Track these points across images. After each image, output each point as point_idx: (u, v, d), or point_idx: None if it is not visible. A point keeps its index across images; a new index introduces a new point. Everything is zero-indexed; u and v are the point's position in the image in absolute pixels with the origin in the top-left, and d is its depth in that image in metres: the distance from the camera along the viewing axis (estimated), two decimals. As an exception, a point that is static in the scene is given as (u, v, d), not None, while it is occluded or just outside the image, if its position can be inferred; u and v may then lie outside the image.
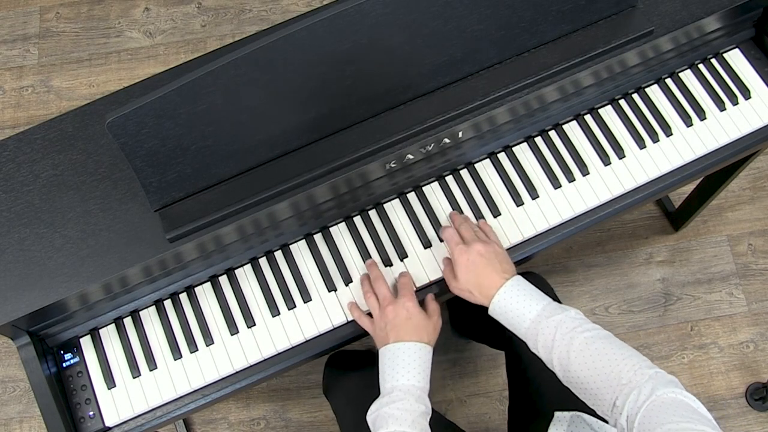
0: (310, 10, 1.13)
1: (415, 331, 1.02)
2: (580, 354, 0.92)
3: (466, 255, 1.04)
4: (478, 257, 1.04)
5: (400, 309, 1.04)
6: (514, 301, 1.00)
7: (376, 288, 1.08)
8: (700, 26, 1.17)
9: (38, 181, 1.09)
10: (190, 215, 1.04)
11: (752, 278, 1.85)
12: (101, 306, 1.09)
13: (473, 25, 1.05)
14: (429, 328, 1.04)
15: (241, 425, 1.77)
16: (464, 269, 1.04)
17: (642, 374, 0.87)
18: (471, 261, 1.04)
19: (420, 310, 1.05)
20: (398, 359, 1.00)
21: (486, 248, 1.04)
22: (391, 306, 1.04)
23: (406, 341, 1.01)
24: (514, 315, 1.00)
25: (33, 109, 2.13)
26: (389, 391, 0.99)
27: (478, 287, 1.03)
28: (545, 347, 0.96)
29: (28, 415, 1.80)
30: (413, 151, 1.10)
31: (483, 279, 1.03)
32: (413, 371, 0.99)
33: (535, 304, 0.99)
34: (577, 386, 0.93)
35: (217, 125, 1.00)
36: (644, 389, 0.85)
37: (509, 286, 1.01)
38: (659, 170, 1.18)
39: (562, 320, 0.96)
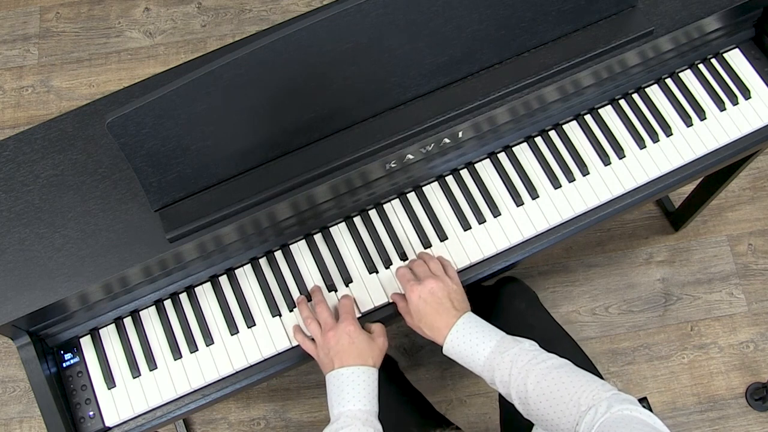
0: (310, 10, 1.13)
1: (359, 355, 1.01)
2: (537, 386, 0.92)
3: (416, 293, 1.03)
4: (429, 295, 1.02)
5: (342, 334, 1.02)
6: (467, 339, 0.99)
7: (317, 313, 1.07)
8: (700, 26, 1.17)
9: (38, 181, 1.09)
10: (190, 215, 1.04)
11: (752, 278, 1.85)
12: (101, 306, 1.09)
13: (473, 25, 1.05)
14: (373, 351, 1.03)
15: (241, 425, 1.77)
16: (415, 307, 1.03)
17: (600, 397, 0.86)
18: (422, 299, 1.02)
19: (363, 333, 1.03)
20: (344, 385, 0.99)
21: (437, 284, 1.03)
22: (333, 331, 1.03)
23: (350, 366, 1.00)
24: (469, 353, 0.99)
25: (33, 109, 2.13)
26: (336, 417, 0.98)
27: (430, 326, 1.02)
28: (502, 382, 0.95)
29: (28, 415, 1.80)
30: (413, 151, 1.10)
31: (434, 318, 1.02)
32: (359, 395, 0.98)
33: (488, 341, 0.98)
34: (538, 418, 0.92)
35: (217, 125, 1.00)
36: (600, 407, 0.85)
37: (461, 325, 1.00)
38: (659, 170, 1.18)
39: (517, 354, 0.95)
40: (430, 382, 1.79)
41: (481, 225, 1.15)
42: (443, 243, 1.14)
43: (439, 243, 1.14)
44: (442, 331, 1.01)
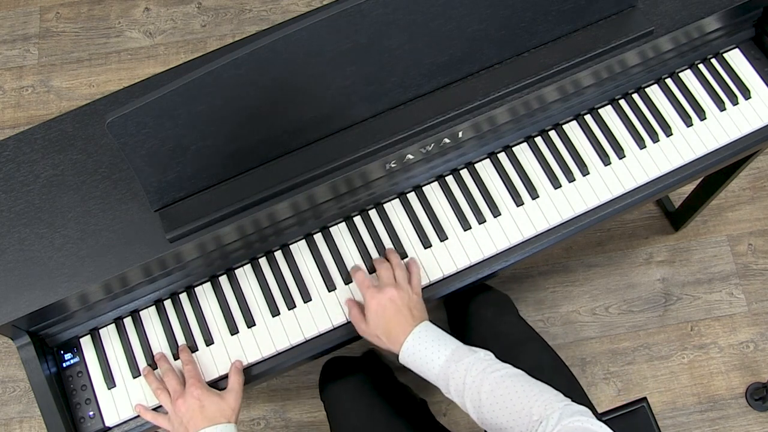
0: (310, 10, 1.13)
1: (211, 417, 1.01)
2: (491, 394, 0.91)
3: (376, 299, 1.02)
4: (389, 302, 1.02)
5: (191, 399, 1.01)
6: (422, 347, 0.99)
7: (166, 382, 1.05)
8: (700, 26, 1.17)
9: (38, 181, 1.09)
10: (190, 215, 1.04)
11: (752, 278, 1.85)
12: (101, 306, 1.09)
13: (473, 25, 1.05)
14: (224, 411, 1.02)
15: (241, 425, 1.77)
16: (374, 314, 1.02)
17: (552, 408, 0.86)
18: (381, 306, 1.02)
19: (211, 394, 1.03)
20: None
21: (398, 293, 1.02)
22: (181, 399, 1.02)
23: (205, 429, 1.00)
24: (424, 361, 0.98)
25: (33, 109, 2.13)
26: None
27: (387, 333, 1.01)
28: (457, 391, 0.95)
29: (28, 415, 1.80)
30: (413, 151, 1.10)
31: (392, 325, 1.01)
32: None
33: (443, 349, 0.98)
34: (492, 427, 0.92)
35: (217, 125, 1.00)
36: (551, 419, 0.85)
37: (417, 332, 1.00)
38: (659, 170, 1.18)
39: (472, 362, 0.95)
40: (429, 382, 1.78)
41: (481, 225, 1.15)
42: (443, 243, 1.14)
43: (439, 243, 1.14)
44: (398, 339, 1.00)
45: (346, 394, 1.24)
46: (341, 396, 1.25)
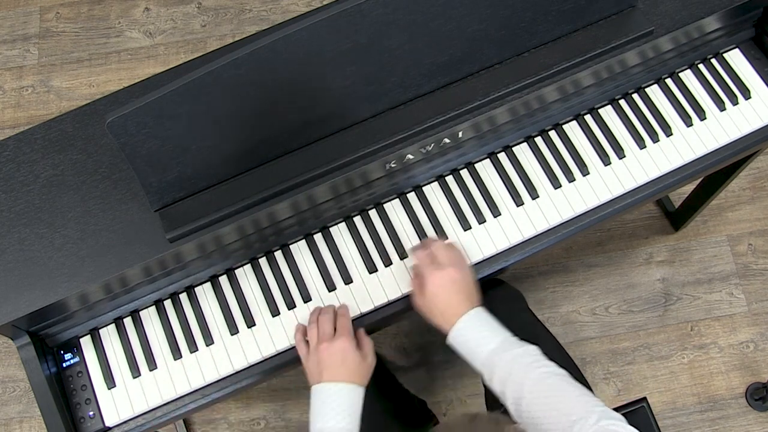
0: (310, 10, 1.13)
1: (348, 373, 1.01)
2: (534, 388, 0.92)
3: (437, 277, 1.03)
4: (450, 282, 1.02)
5: (337, 348, 1.02)
6: (474, 332, 0.99)
7: (320, 322, 1.06)
8: (700, 26, 1.17)
9: (38, 181, 1.09)
10: (190, 215, 1.04)
11: (752, 278, 1.85)
12: (101, 306, 1.09)
13: (473, 25, 1.05)
14: (362, 371, 1.03)
15: (241, 425, 1.77)
16: (432, 291, 1.03)
17: (591, 410, 0.87)
18: (441, 285, 1.02)
19: (356, 352, 1.03)
20: (328, 400, 0.99)
21: (459, 274, 1.03)
22: (327, 344, 1.02)
23: (337, 382, 1.00)
24: (473, 346, 0.99)
25: (33, 109, 2.13)
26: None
27: (441, 311, 1.02)
28: (500, 380, 0.96)
29: (28, 415, 1.80)
30: (413, 151, 1.10)
31: (448, 305, 1.02)
32: (342, 413, 0.98)
33: (493, 337, 0.98)
34: (528, 420, 0.93)
35: (217, 125, 1.00)
36: (589, 420, 0.86)
37: (472, 316, 1.00)
38: (659, 170, 1.18)
39: (520, 355, 0.96)
40: (430, 382, 1.79)
41: (481, 225, 1.15)
42: (443, 243, 1.14)
43: (439, 243, 1.14)
44: (451, 320, 1.01)
45: None
46: None
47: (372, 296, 1.12)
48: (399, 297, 1.12)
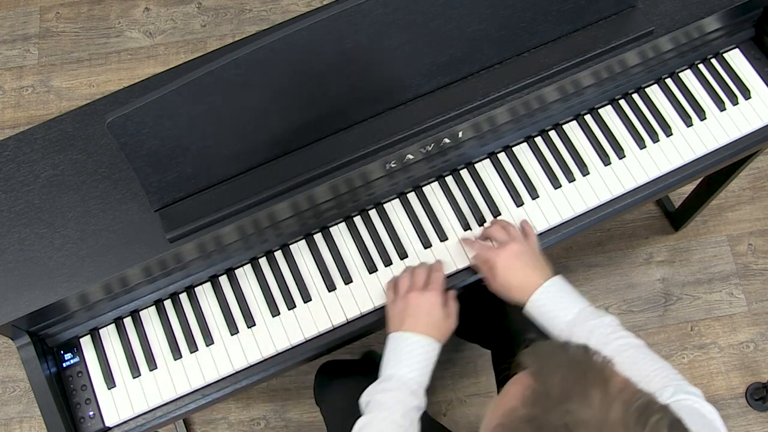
0: (310, 10, 1.13)
1: (430, 327, 1.02)
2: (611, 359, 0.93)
3: (502, 258, 1.04)
4: (514, 258, 1.04)
5: (424, 301, 1.03)
6: (552, 302, 1.00)
7: (414, 272, 1.08)
8: (700, 26, 1.17)
9: (38, 181, 1.09)
10: (190, 215, 1.04)
11: (752, 278, 1.85)
12: (101, 306, 1.09)
13: (473, 25, 1.05)
14: (444, 328, 1.04)
15: (241, 425, 1.77)
16: (503, 266, 1.04)
17: (668, 383, 0.87)
18: (508, 263, 1.04)
19: (442, 307, 1.04)
20: (405, 349, 1.00)
21: (521, 248, 1.04)
22: (417, 293, 1.03)
23: (418, 333, 1.01)
24: (552, 315, 1.00)
25: (33, 109, 2.13)
26: (388, 377, 0.99)
27: (517, 284, 1.03)
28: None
29: (28, 415, 1.80)
30: (413, 151, 1.10)
31: (520, 279, 1.03)
32: (416, 365, 0.99)
33: (572, 307, 0.99)
34: None
35: (217, 125, 1.00)
36: (666, 392, 0.85)
37: (548, 287, 1.01)
38: (659, 170, 1.18)
39: (597, 326, 0.96)
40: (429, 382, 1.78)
41: (481, 226, 1.15)
42: (443, 243, 1.14)
43: (439, 243, 1.14)
44: (527, 290, 1.02)
45: (344, 402, 1.24)
46: (338, 404, 1.25)
47: (372, 296, 1.12)
48: (399, 297, 1.12)
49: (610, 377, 0.57)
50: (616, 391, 0.55)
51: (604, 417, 0.53)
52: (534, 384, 0.59)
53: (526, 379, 0.60)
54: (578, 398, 0.55)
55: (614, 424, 0.53)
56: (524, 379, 0.61)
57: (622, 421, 0.53)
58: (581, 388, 0.55)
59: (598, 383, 0.56)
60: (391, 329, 1.03)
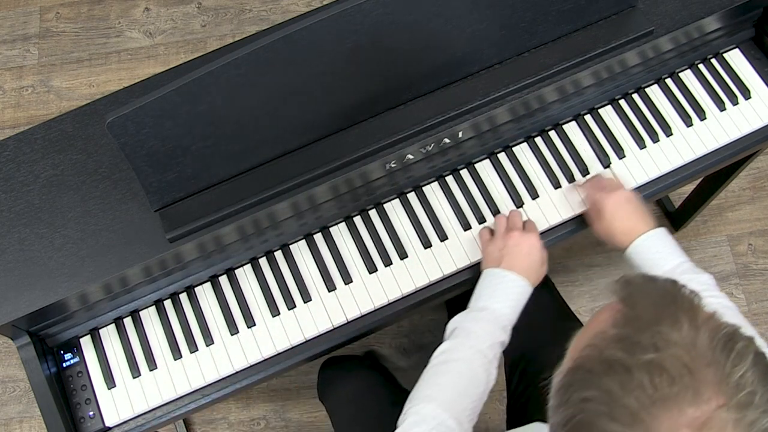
0: (310, 10, 1.13)
1: (527, 268, 1.03)
2: None
3: (613, 199, 1.06)
4: (625, 201, 1.06)
5: (525, 241, 1.04)
6: (653, 251, 1.02)
7: (510, 215, 1.09)
8: (700, 26, 1.17)
9: (38, 181, 1.09)
10: (190, 215, 1.04)
11: (752, 278, 1.85)
12: (101, 306, 1.09)
13: (473, 25, 1.05)
14: (539, 272, 1.05)
15: (241, 425, 1.77)
16: (612, 208, 1.06)
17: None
18: (619, 203, 1.06)
19: (540, 253, 1.05)
20: (501, 285, 1.01)
21: (631, 195, 1.07)
22: (518, 233, 1.05)
23: (515, 273, 1.02)
24: (650, 264, 1.01)
25: (33, 109, 2.13)
26: (480, 309, 1.00)
27: (622, 228, 1.05)
28: None
29: (28, 415, 1.80)
30: (413, 151, 1.10)
31: (626, 224, 1.05)
32: (510, 302, 1.00)
33: (672, 259, 1.01)
34: None
35: (217, 125, 1.00)
36: None
37: (652, 236, 1.03)
38: (659, 170, 1.18)
39: (693, 280, 0.97)
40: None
41: (481, 225, 1.15)
42: (443, 243, 1.14)
43: (439, 243, 1.14)
44: (631, 236, 1.04)
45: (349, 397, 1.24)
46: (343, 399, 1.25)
47: (372, 296, 1.12)
48: (399, 297, 1.12)
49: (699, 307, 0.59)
50: (703, 319, 0.57)
51: (692, 341, 0.55)
52: (624, 309, 0.60)
53: (615, 306, 0.62)
54: (668, 322, 0.56)
55: (701, 347, 0.55)
56: (614, 306, 0.62)
57: (709, 345, 0.55)
58: (671, 313, 0.57)
59: (686, 310, 0.57)
60: (489, 265, 1.04)
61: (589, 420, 0.55)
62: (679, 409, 0.53)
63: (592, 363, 0.58)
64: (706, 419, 0.52)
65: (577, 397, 0.57)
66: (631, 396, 0.54)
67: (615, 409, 0.54)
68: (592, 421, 0.55)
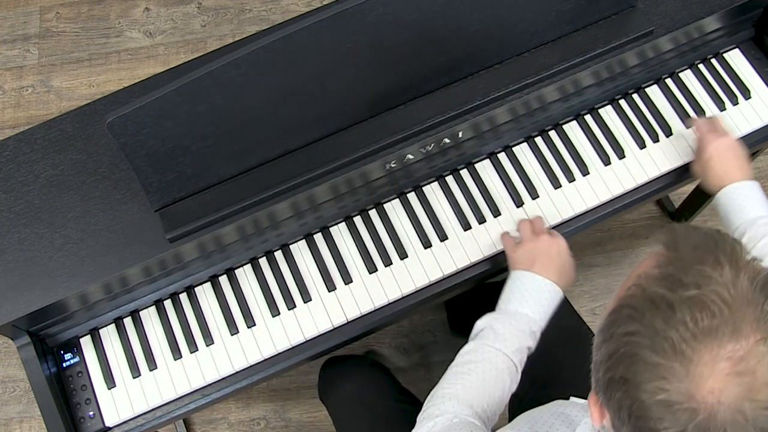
0: (310, 10, 1.13)
1: (559, 271, 1.03)
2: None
3: (725, 139, 1.10)
4: (728, 149, 1.09)
5: (554, 243, 1.04)
6: (743, 197, 1.05)
7: (534, 220, 1.10)
8: (700, 26, 1.17)
9: (38, 181, 1.09)
10: (190, 215, 1.04)
11: (752, 278, 1.85)
12: (101, 306, 1.09)
13: (473, 25, 1.05)
14: (569, 276, 1.05)
15: (241, 425, 1.77)
16: (717, 148, 1.09)
17: None
18: (727, 145, 1.09)
19: (568, 255, 1.05)
20: (533, 289, 1.01)
21: (736, 144, 1.10)
22: (547, 236, 1.05)
23: (546, 277, 1.01)
24: (736, 208, 1.05)
25: (33, 109, 2.13)
26: (511, 313, 1.00)
27: (715, 174, 1.09)
28: (750, 240, 1.01)
29: (28, 415, 1.80)
30: (413, 151, 1.10)
31: (730, 165, 1.08)
32: (541, 308, 1.00)
33: (759, 210, 1.04)
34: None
35: (217, 125, 1.00)
36: None
37: (746, 185, 1.06)
38: (659, 170, 1.18)
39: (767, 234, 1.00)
40: (430, 382, 1.78)
41: (481, 225, 1.15)
42: (443, 243, 1.14)
43: (439, 243, 1.14)
44: (726, 179, 1.08)
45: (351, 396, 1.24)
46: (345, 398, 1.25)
47: (372, 296, 1.12)
48: (398, 297, 1.12)
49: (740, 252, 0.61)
50: (744, 262, 0.60)
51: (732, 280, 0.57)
52: (667, 252, 0.63)
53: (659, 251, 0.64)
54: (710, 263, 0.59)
55: (741, 287, 0.57)
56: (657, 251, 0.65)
57: (749, 286, 0.57)
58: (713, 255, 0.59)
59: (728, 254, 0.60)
60: (520, 267, 1.04)
61: (633, 352, 0.58)
62: (719, 344, 0.55)
63: (636, 300, 0.60)
64: (744, 353, 0.55)
65: (621, 332, 0.59)
66: (673, 330, 0.56)
67: (657, 342, 0.56)
68: (636, 353, 0.57)
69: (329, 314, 1.12)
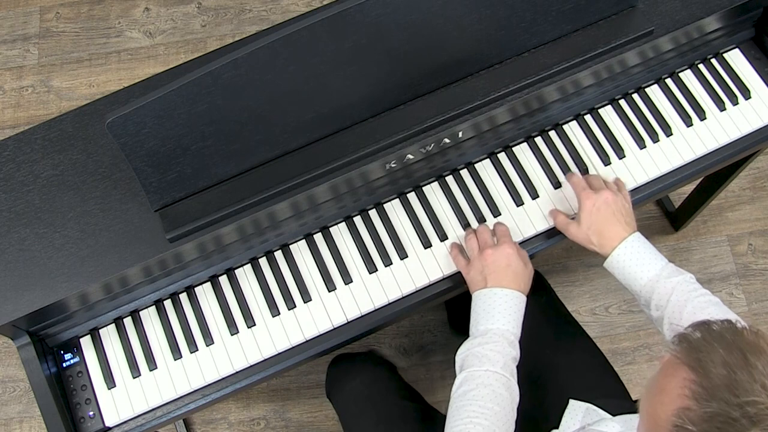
0: (310, 10, 1.13)
1: (514, 278, 1.02)
2: (692, 316, 0.94)
3: (592, 200, 1.05)
4: (605, 205, 1.04)
5: (500, 255, 1.03)
6: (635, 257, 1.01)
7: (478, 232, 1.08)
8: (700, 26, 1.17)
9: (38, 181, 1.09)
10: (190, 215, 1.04)
11: (752, 278, 1.85)
12: (101, 306, 1.09)
13: (473, 25, 1.05)
14: (525, 276, 1.04)
15: (241, 425, 1.77)
16: (588, 214, 1.05)
17: None
18: (597, 207, 1.04)
19: (519, 257, 1.04)
20: (495, 304, 1.00)
21: (614, 198, 1.05)
22: (491, 250, 1.04)
23: (504, 287, 1.01)
24: (633, 271, 1.01)
25: (33, 109, 2.13)
26: (482, 333, 0.99)
27: (599, 235, 1.04)
28: (658, 306, 0.99)
29: (28, 415, 1.80)
30: (413, 151, 1.10)
31: (605, 228, 1.03)
32: (509, 317, 1.00)
33: (654, 263, 1.00)
34: None
35: (217, 125, 1.00)
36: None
37: (632, 241, 1.02)
38: (659, 170, 1.18)
39: (679, 282, 0.98)
40: (430, 382, 1.79)
41: (481, 224, 1.15)
42: (443, 243, 1.14)
43: (439, 243, 1.14)
44: (610, 242, 1.03)
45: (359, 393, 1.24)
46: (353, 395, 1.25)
47: (372, 296, 1.12)
48: (398, 297, 1.12)
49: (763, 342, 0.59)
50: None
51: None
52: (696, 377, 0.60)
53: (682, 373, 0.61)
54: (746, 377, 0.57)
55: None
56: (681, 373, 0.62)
57: None
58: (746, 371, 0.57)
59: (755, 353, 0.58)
60: (474, 290, 1.04)
61: None
62: None
63: None
64: None
65: None
66: None
67: None
68: None
69: (329, 314, 1.12)
